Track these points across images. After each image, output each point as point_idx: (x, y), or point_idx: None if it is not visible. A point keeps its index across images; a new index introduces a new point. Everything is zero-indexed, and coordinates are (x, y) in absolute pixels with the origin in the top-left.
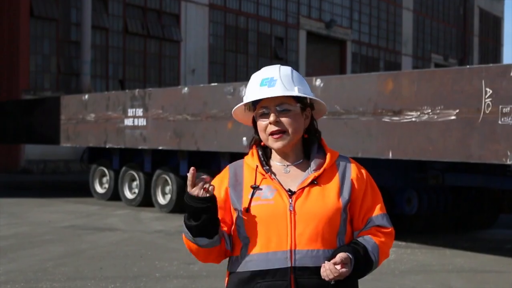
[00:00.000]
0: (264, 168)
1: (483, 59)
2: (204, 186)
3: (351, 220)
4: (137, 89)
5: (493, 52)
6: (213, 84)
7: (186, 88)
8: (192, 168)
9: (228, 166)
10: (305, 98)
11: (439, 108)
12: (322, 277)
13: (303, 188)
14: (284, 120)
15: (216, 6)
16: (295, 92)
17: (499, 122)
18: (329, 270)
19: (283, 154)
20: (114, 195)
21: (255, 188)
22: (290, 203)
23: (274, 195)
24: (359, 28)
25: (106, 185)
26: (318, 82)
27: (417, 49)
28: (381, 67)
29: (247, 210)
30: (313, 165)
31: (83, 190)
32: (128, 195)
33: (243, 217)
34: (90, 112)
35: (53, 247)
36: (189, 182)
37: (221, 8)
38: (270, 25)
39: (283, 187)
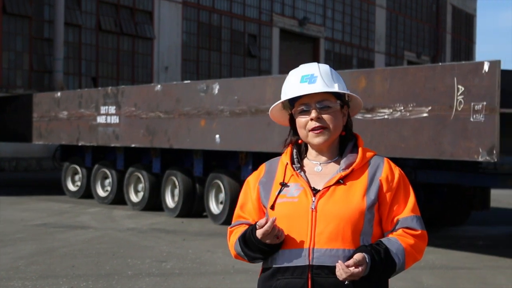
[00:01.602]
0: (294, 165)
1: (455, 56)
2: (277, 235)
3: (380, 222)
4: (110, 87)
5: (465, 49)
6: (186, 81)
7: (159, 86)
8: (274, 219)
9: (266, 162)
10: (344, 95)
11: (412, 105)
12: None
13: (329, 187)
14: (325, 116)
15: (189, 3)
16: (336, 88)
17: (471, 119)
18: (341, 270)
19: (319, 151)
20: (87, 193)
21: (283, 185)
22: (313, 201)
23: (300, 193)
24: (332, 26)
25: (79, 183)
26: None
27: (390, 47)
28: (354, 65)
29: (272, 207)
30: (342, 164)
31: (55, 188)
32: (101, 193)
33: (269, 214)
34: (63, 109)
35: (25, 245)
36: (264, 231)
37: (195, 5)
38: (243, 23)
39: (309, 185)
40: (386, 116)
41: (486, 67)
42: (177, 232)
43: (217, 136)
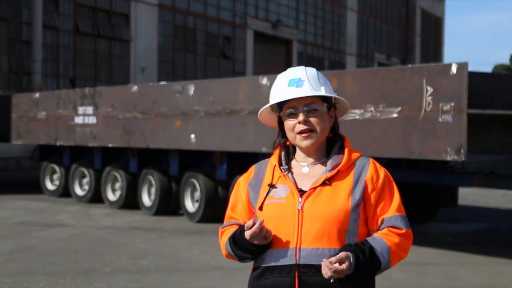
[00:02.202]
0: (281, 167)
1: (424, 58)
2: (264, 236)
3: (366, 221)
4: (87, 88)
5: (434, 51)
6: (162, 82)
7: (135, 87)
8: (262, 220)
9: (256, 164)
10: (330, 98)
11: (382, 106)
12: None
13: (315, 188)
14: (312, 119)
15: (165, 6)
16: (323, 92)
17: (439, 119)
18: (326, 267)
19: (307, 153)
20: (65, 191)
21: (271, 186)
22: (300, 202)
23: (287, 194)
24: (305, 28)
25: (57, 182)
26: (265, 81)
27: (361, 49)
28: (326, 66)
29: (261, 208)
30: (329, 165)
31: (34, 187)
32: (79, 191)
33: (258, 214)
34: (41, 110)
35: (4, 243)
36: (252, 233)
37: (170, 8)
38: (218, 25)
39: (296, 186)
40: (357, 117)
41: (454, 69)
42: (154, 230)
43: (193, 136)
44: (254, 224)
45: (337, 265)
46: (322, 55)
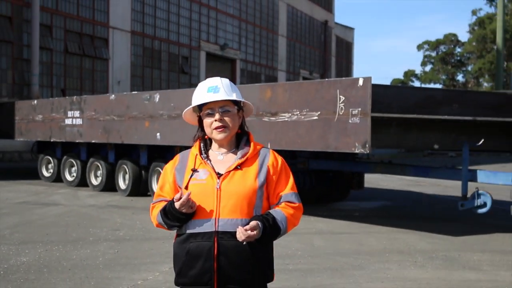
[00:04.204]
0: (202, 155)
1: (338, 74)
2: (191, 205)
3: (268, 197)
4: (75, 96)
5: (346, 69)
6: (134, 92)
7: (113, 96)
8: (190, 193)
9: (180, 153)
10: (240, 102)
11: (305, 110)
12: (238, 239)
13: (229, 172)
14: (226, 118)
15: (136, 32)
16: (234, 97)
17: (350, 121)
18: (241, 233)
19: (220, 144)
20: (57, 178)
21: (194, 170)
22: (218, 182)
23: (207, 176)
24: (246, 50)
25: (51, 170)
26: None
27: (289, 66)
28: (262, 80)
29: (186, 187)
30: (239, 154)
31: (33, 174)
32: (68, 178)
33: (184, 193)
34: (39, 113)
35: (9, 218)
36: (182, 202)
37: (140, 34)
38: (178, 47)
39: (214, 170)
40: (286, 119)
41: (360, 82)
42: (128, 208)
43: (158, 134)
44: (181, 197)
45: (249, 231)
46: (259, 71)
